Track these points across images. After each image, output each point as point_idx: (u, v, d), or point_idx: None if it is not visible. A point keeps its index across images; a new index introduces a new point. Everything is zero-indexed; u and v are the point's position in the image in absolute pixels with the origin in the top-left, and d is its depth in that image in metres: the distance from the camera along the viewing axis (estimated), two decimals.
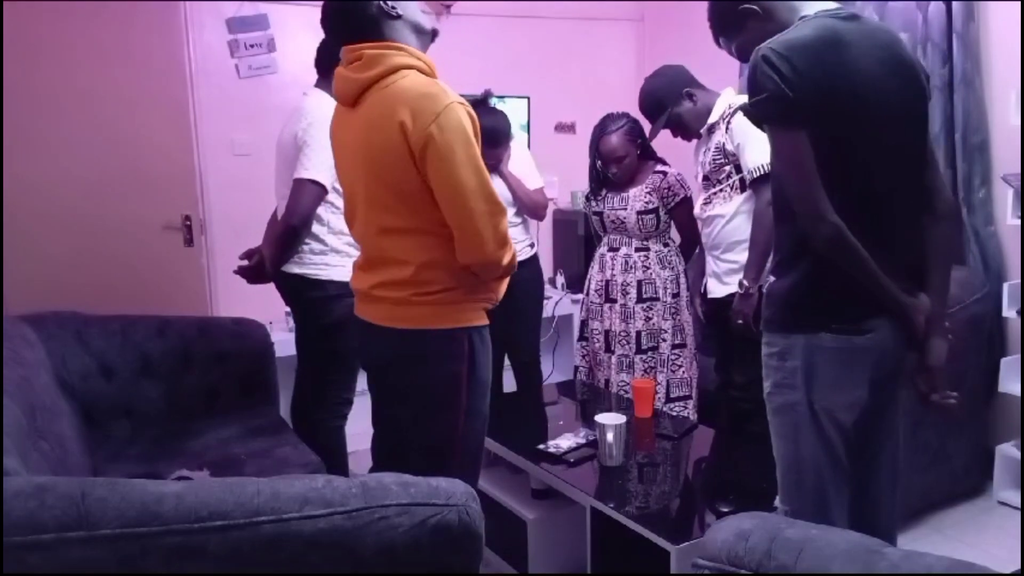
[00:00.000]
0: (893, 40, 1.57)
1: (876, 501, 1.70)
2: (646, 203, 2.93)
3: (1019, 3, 2.75)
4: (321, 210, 2.39)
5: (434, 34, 1.80)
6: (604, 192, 3.05)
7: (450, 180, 1.64)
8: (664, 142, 2.87)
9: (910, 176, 1.57)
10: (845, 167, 1.47)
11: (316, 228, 2.43)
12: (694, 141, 2.76)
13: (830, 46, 1.45)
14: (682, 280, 3.00)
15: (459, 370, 1.78)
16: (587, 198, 3.16)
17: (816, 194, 1.45)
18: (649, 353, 2.98)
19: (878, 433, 1.67)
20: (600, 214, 3.05)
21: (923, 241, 1.60)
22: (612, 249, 3.05)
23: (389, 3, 1.69)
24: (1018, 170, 2.77)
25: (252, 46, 3.50)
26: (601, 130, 2.97)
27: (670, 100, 2.67)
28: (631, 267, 2.99)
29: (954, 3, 2.93)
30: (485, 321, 1.83)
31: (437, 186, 1.65)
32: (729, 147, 2.54)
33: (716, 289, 2.70)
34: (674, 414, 2.87)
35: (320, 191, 2.32)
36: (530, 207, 3.16)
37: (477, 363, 1.80)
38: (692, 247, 2.97)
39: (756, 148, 2.40)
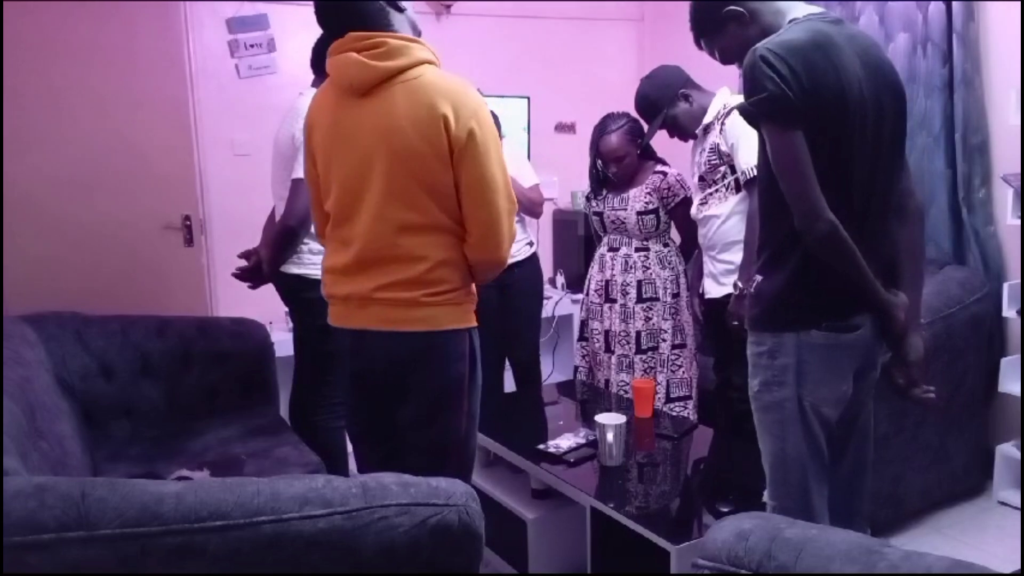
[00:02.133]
0: (874, 44, 1.61)
1: (844, 486, 1.74)
2: (646, 203, 2.93)
3: (1019, 3, 2.75)
4: None
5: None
6: (604, 192, 3.05)
7: (484, 176, 1.66)
8: (664, 142, 2.87)
9: (888, 178, 1.60)
10: (836, 167, 1.49)
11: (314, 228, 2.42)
12: (691, 141, 2.75)
13: (825, 49, 1.47)
14: (682, 280, 3.00)
15: (463, 371, 1.78)
16: (587, 198, 3.16)
17: (814, 193, 1.47)
18: (649, 353, 2.98)
19: (850, 424, 1.71)
20: (600, 214, 3.05)
21: (896, 241, 1.64)
22: (612, 249, 3.05)
23: None
24: (1018, 170, 2.77)
25: (252, 46, 3.50)
26: (601, 130, 2.97)
27: (665, 101, 2.67)
28: (631, 267, 2.99)
29: (954, 3, 2.93)
30: (476, 322, 1.84)
31: (470, 181, 1.66)
32: (724, 148, 2.54)
33: (713, 289, 2.69)
34: (674, 414, 2.87)
35: None
36: (526, 205, 3.15)
37: (477, 363, 1.81)
38: (692, 247, 2.97)
39: (750, 148, 2.40)
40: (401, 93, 1.66)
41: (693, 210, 2.75)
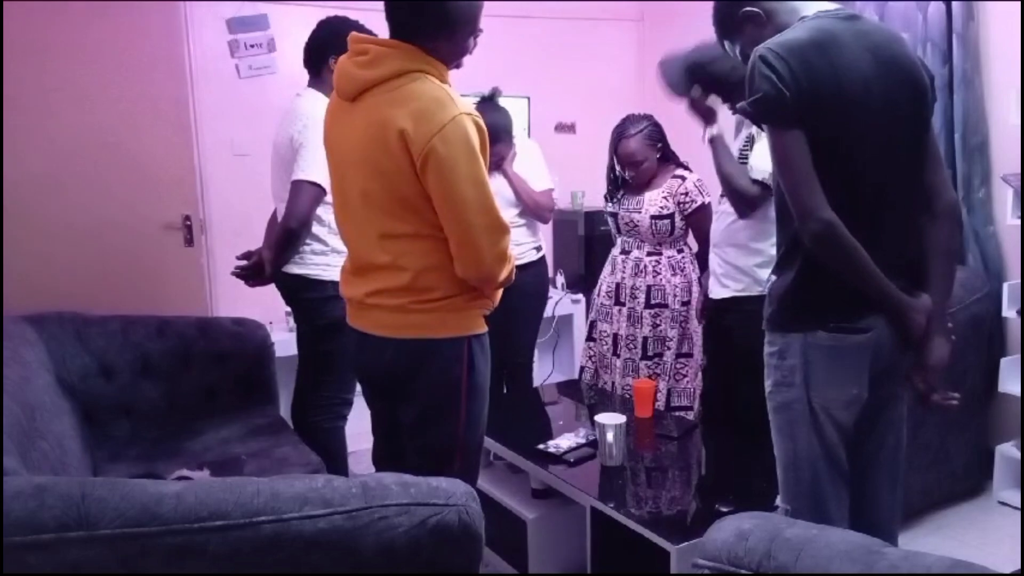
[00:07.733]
0: (890, 40, 1.57)
1: (874, 499, 1.70)
2: (661, 207, 2.88)
3: (1019, 3, 2.75)
4: (321, 210, 2.38)
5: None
6: (621, 193, 3.01)
7: (450, 194, 1.61)
8: (687, 146, 2.80)
9: (906, 175, 1.57)
10: (838, 166, 1.48)
11: (316, 228, 2.42)
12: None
13: (824, 47, 1.46)
14: (694, 288, 2.94)
15: (459, 377, 1.75)
16: (604, 198, 3.10)
17: (808, 192, 1.46)
18: (654, 359, 2.94)
19: (877, 431, 1.67)
20: (615, 215, 3.01)
21: (922, 240, 1.60)
22: (624, 252, 3.02)
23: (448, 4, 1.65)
24: (1018, 170, 2.77)
25: (252, 46, 3.51)
26: (620, 132, 2.91)
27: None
28: (641, 271, 2.95)
29: (954, 3, 2.93)
30: (484, 328, 1.80)
31: (436, 198, 1.62)
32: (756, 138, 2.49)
33: (715, 289, 2.67)
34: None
35: (319, 192, 2.31)
36: (532, 208, 3.09)
37: (476, 370, 1.78)
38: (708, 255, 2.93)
39: (762, 150, 2.38)
40: (378, 103, 1.64)
41: (715, 201, 2.70)
